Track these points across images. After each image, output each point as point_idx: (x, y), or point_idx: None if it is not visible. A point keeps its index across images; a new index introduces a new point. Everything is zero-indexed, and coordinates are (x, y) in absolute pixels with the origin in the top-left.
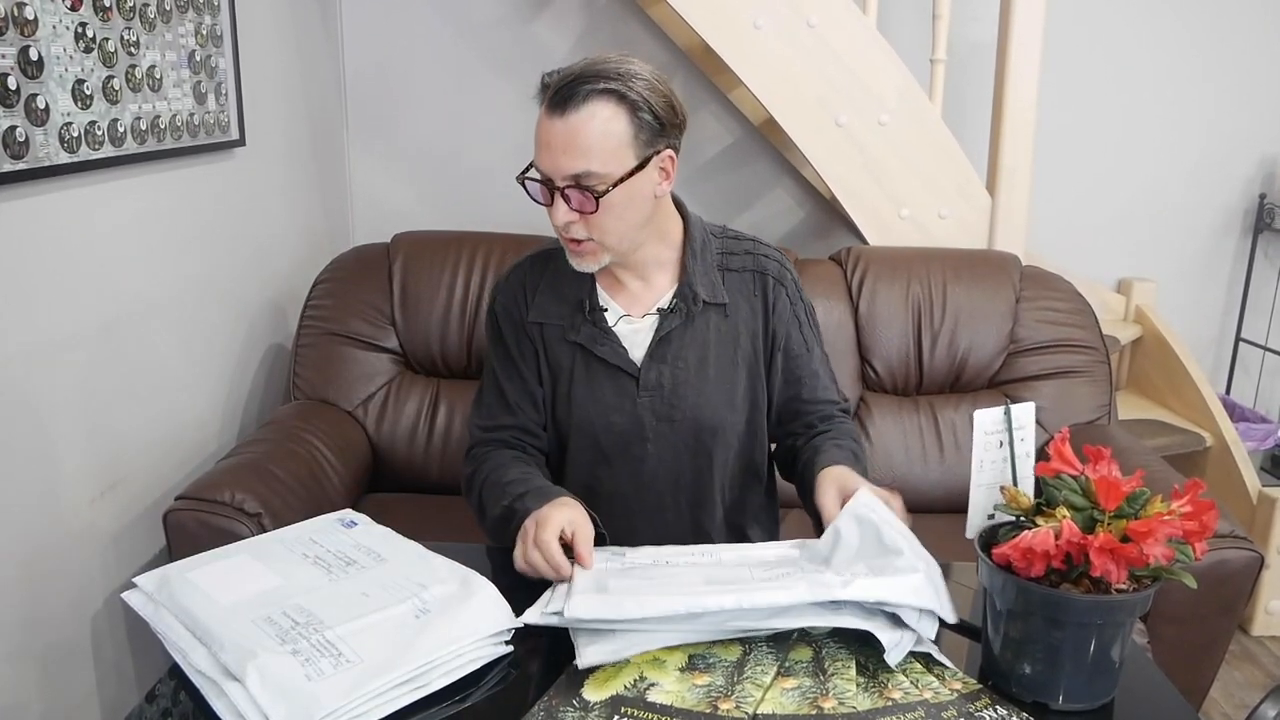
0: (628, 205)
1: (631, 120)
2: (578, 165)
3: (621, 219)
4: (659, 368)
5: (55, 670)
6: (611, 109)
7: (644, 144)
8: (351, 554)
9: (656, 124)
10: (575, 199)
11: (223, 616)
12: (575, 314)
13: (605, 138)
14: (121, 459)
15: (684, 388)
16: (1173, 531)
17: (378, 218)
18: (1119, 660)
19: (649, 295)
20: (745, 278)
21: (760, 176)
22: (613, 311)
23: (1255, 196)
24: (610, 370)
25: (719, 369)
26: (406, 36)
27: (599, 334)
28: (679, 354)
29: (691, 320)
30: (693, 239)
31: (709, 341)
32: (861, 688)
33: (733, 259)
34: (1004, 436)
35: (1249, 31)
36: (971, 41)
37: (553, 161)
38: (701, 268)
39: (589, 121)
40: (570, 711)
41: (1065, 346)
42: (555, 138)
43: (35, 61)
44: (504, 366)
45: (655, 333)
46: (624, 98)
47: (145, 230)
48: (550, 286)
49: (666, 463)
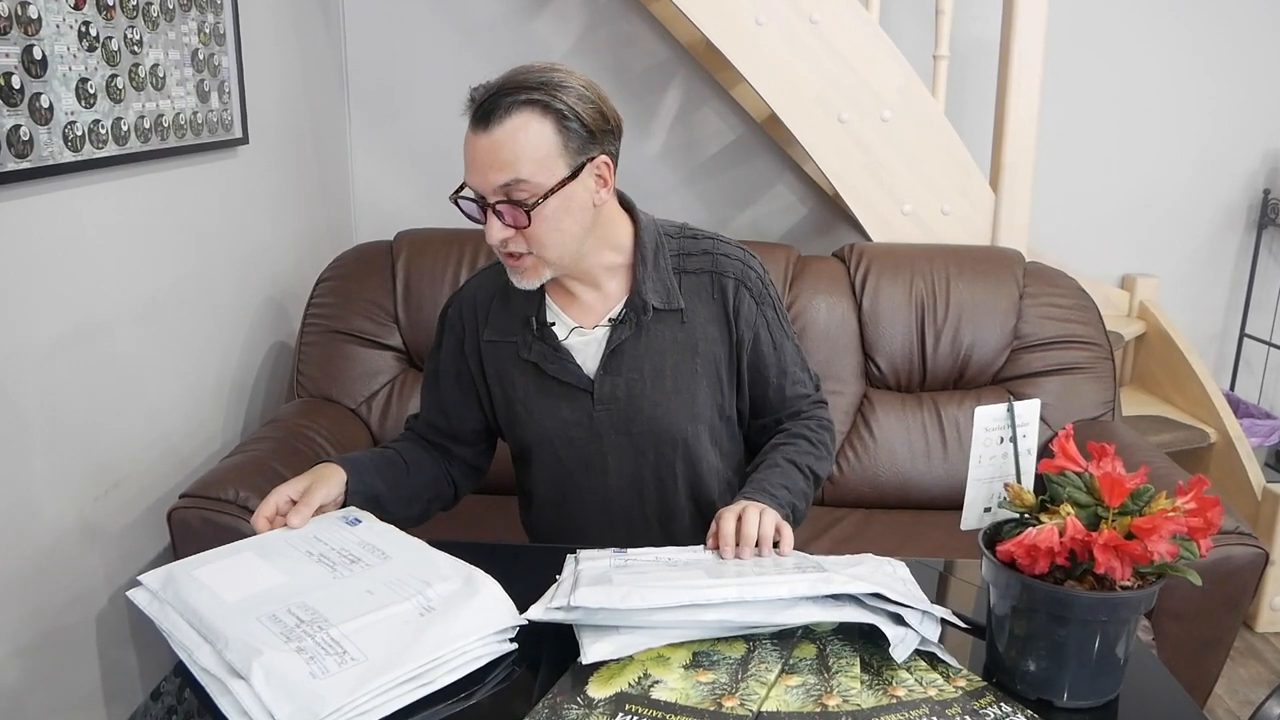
0: (564, 216)
1: (559, 129)
2: (504, 176)
3: (558, 230)
4: (613, 380)
5: (60, 669)
6: (536, 120)
7: (575, 152)
8: (356, 551)
9: (585, 132)
10: (508, 214)
11: (228, 614)
12: (525, 331)
13: (531, 148)
14: (125, 457)
15: (640, 400)
16: (1177, 528)
17: (380, 215)
18: (1123, 657)
19: (602, 305)
20: (703, 280)
21: (762, 173)
22: (562, 325)
23: (1259, 192)
24: (565, 387)
25: (676, 378)
26: (408, 35)
27: (549, 351)
28: (633, 365)
29: (644, 329)
30: (643, 245)
31: (664, 350)
32: (866, 685)
33: (689, 260)
34: (1004, 433)
35: (1252, 27)
36: (974, 38)
37: (481, 177)
38: (654, 274)
39: (514, 134)
40: (574, 708)
41: (1069, 343)
42: (480, 153)
43: (39, 60)
44: (433, 374)
45: (606, 345)
46: (548, 107)
47: (148, 229)
48: (502, 303)
49: (628, 475)
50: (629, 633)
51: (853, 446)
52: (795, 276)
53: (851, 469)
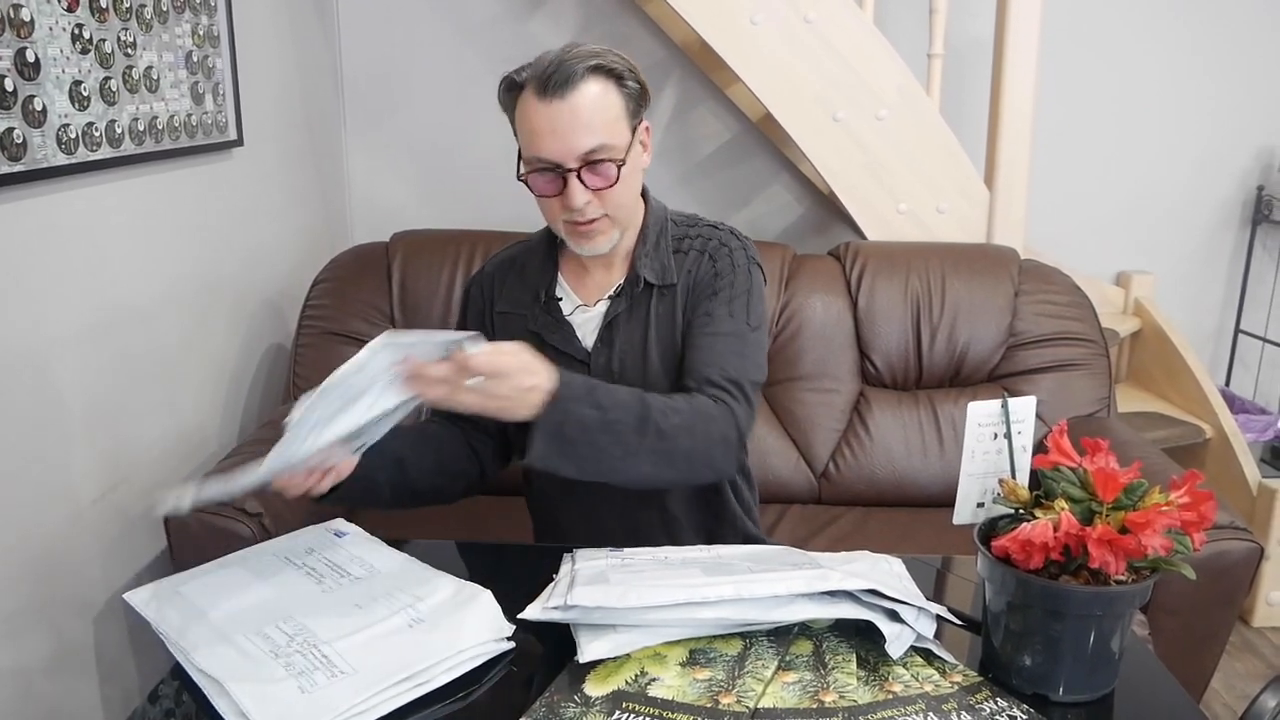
0: (633, 177)
1: (621, 91)
2: (590, 141)
3: (630, 191)
4: (607, 352)
5: (57, 671)
6: (603, 83)
7: (631, 114)
8: (344, 564)
9: (640, 92)
10: (591, 178)
11: (212, 638)
12: (534, 304)
13: (607, 110)
14: (122, 460)
15: (630, 372)
16: (1171, 522)
17: (376, 217)
18: (1119, 652)
19: (608, 281)
20: (692, 258)
21: (758, 173)
22: (569, 300)
23: (1253, 188)
24: (563, 358)
25: (660, 350)
26: (404, 35)
27: (552, 323)
28: (625, 338)
29: (637, 304)
30: (648, 225)
31: (653, 324)
32: (862, 681)
33: (687, 241)
34: (998, 429)
35: (1246, 24)
36: (969, 36)
37: (563, 145)
38: (653, 252)
39: (593, 99)
40: (572, 707)
41: (1064, 340)
42: (560, 121)
43: (32, 63)
44: None
45: (603, 319)
46: (610, 70)
47: (144, 231)
48: (518, 278)
49: None
50: (626, 631)
51: (849, 444)
52: (791, 275)
53: (848, 467)
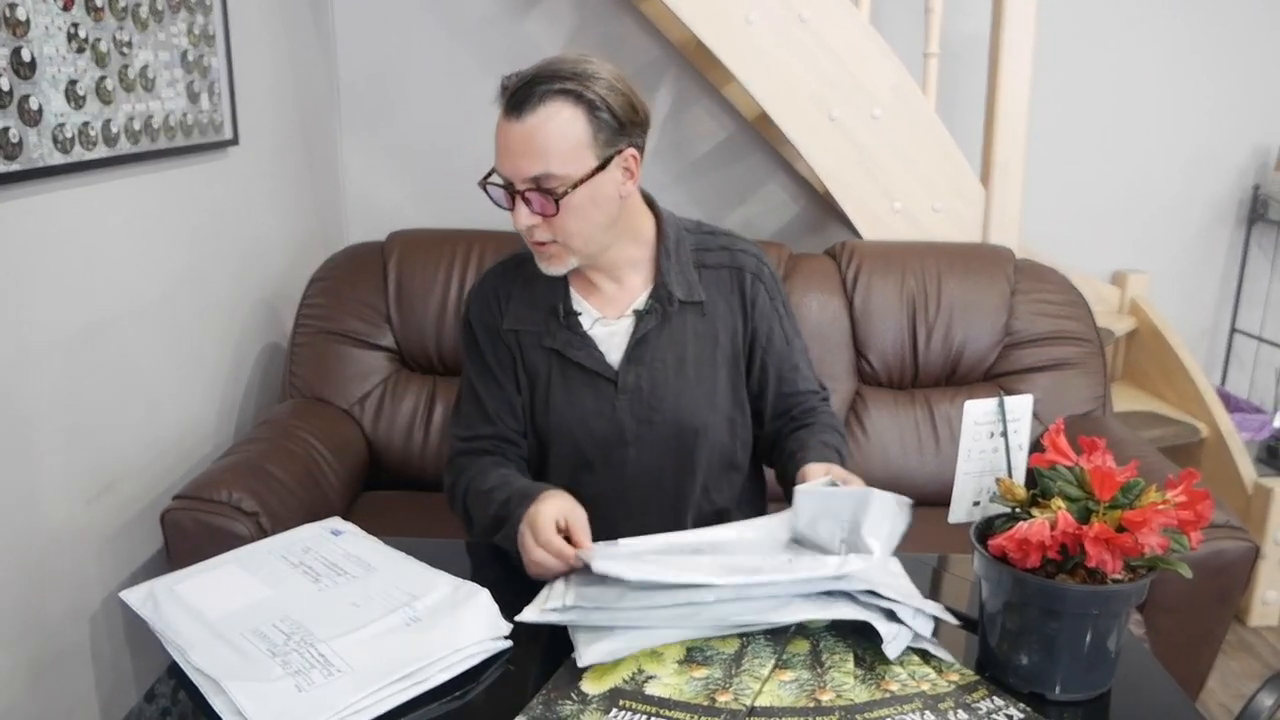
0: (590, 206)
1: (590, 120)
2: (536, 167)
3: (585, 220)
4: (637, 370)
5: (54, 670)
6: (569, 109)
7: (604, 144)
8: (341, 563)
9: (616, 123)
10: (536, 202)
11: (209, 637)
12: (550, 319)
13: (563, 139)
14: (118, 460)
15: (663, 389)
16: (1167, 521)
17: (372, 216)
18: (1115, 650)
19: (624, 296)
20: (722, 275)
21: (754, 172)
22: (587, 315)
23: (1249, 187)
24: (588, 375)
25: (698, 369)
26: (399, 35)
27: (574, 339)
28: (657, 355)
29: (669, 320)
30: (666, 237)
31: (687, 341)
32: (859, 680)
33: (708, 255)
34: (995, 428)
35: (1242, 23)
36: (964, 35)
37: (512, 165)
38: (677, 266)
39: (546, 123)
40: (569, 704)
41: (1060, 339)
42: (513, 141)
43: (28, 62)
44: (481, 376)
45: (632, 335)
46: (580, 97)
47: (140, 230)
48: (524, 292)
49: (648, 465)
50: (623, 635)
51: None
52: (787, 274)
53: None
